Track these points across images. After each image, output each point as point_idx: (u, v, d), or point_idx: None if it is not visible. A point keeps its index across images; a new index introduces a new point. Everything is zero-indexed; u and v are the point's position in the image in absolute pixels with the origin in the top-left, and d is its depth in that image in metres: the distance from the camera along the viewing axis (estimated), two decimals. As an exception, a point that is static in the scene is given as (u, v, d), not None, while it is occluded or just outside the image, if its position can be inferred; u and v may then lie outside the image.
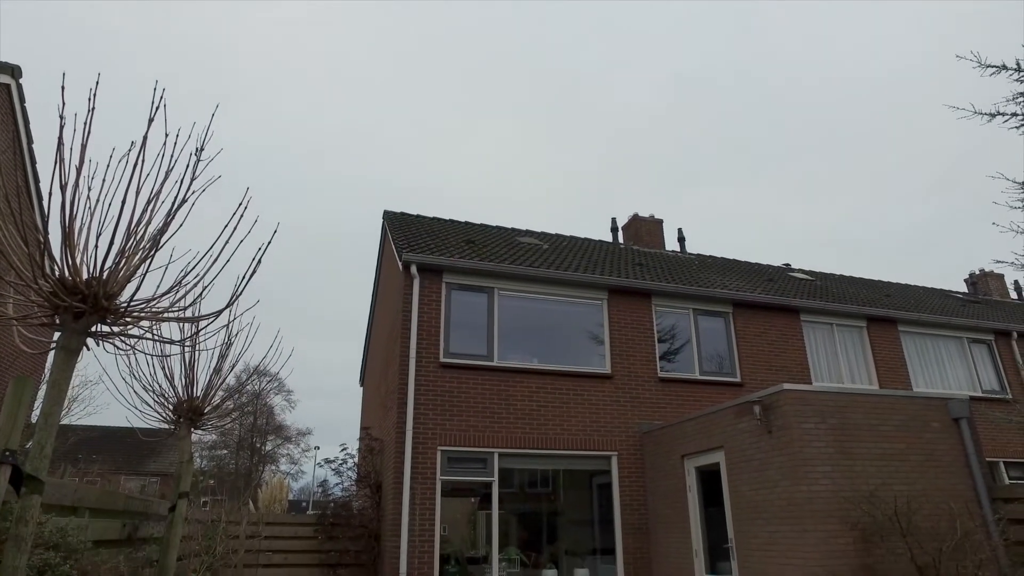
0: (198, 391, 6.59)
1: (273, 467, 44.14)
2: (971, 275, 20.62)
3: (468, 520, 10.49)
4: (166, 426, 6.74)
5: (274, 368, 6.68)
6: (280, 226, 4.02)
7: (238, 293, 4.15)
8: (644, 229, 16.46)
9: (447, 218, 14.74)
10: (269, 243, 4.33)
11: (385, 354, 12.74)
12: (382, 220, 13.93)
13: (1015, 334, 14.74)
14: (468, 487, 10.32)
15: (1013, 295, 20.21)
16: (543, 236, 15.09)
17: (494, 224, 15.20)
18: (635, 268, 13.13)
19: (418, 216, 14.39)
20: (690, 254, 16.69)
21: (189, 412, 6.55)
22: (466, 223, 14.73)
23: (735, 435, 8.46)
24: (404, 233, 12.22)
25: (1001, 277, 20.11)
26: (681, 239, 17.16)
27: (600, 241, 16.04)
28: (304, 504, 41.61)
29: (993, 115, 8.99)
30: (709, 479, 9.13)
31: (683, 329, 12.22)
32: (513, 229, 15.17)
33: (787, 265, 18.05)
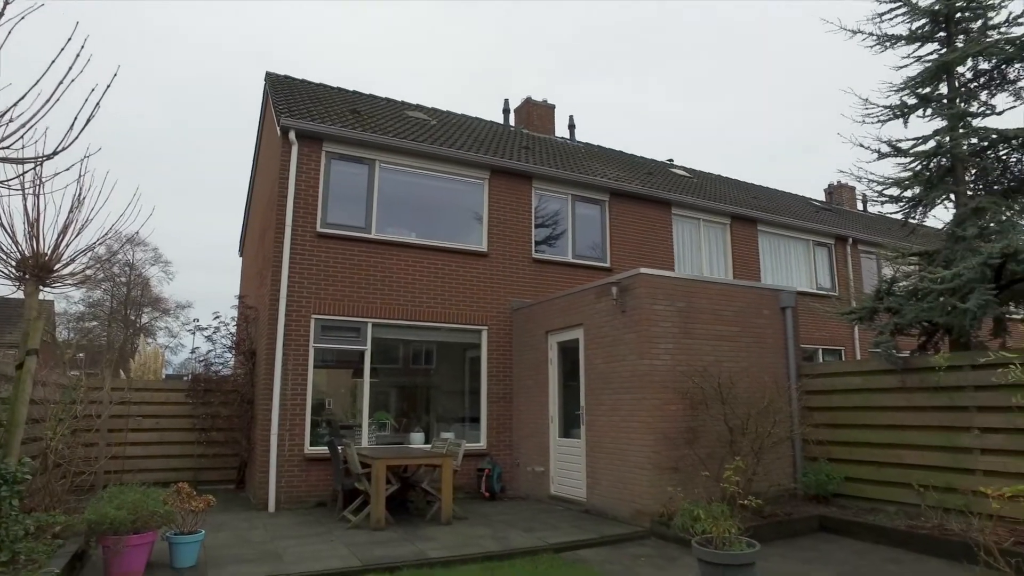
0: (45, 246, 6.25)
1: (150, 340, 42.50)
2: (829, 185, 22.46)
3: (350, 393, 10.85)
4: (8, 283, 6.39)
5: (132, 227, 6.38)
6: (121, 68, 3.78)
7: (76, 135, 3.94)
8: (535, 114, 16.45)
9: (334, 85, 14.01)
10: (109, 86, 4.09)
11: (262, 223, 12.41)
12: (264, 83, 13.05)
13: (850, 240, 16.48)
14: (347, 359, 10.60)
15: (860, 206, 22.33)
16: (433, 112, 14.76)
17: (383, 96, 14.65)
18: (521, 151, 13.25)
19: (303, 81, 13.57)
20: (578, 142, 16.95)
21: (35, 268, 6.23)
22: (354, 92, 14.09)
23: (594, 314, 9.16)
24: (285, 97, 11.57)
25: (852, 189, 22.08)
26: (571, 126, 17.33)
27: (491, 122, 15.91)
28: (185, 378, 40.67)
29: (855, 32, 9.59)
30: (569, 353, 9.91)
31: (561, 214, 12.68)
32: (403, 103, 14.70)
33: (670, 161, 18.81)
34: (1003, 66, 8.70)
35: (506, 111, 16.87)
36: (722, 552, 5.12)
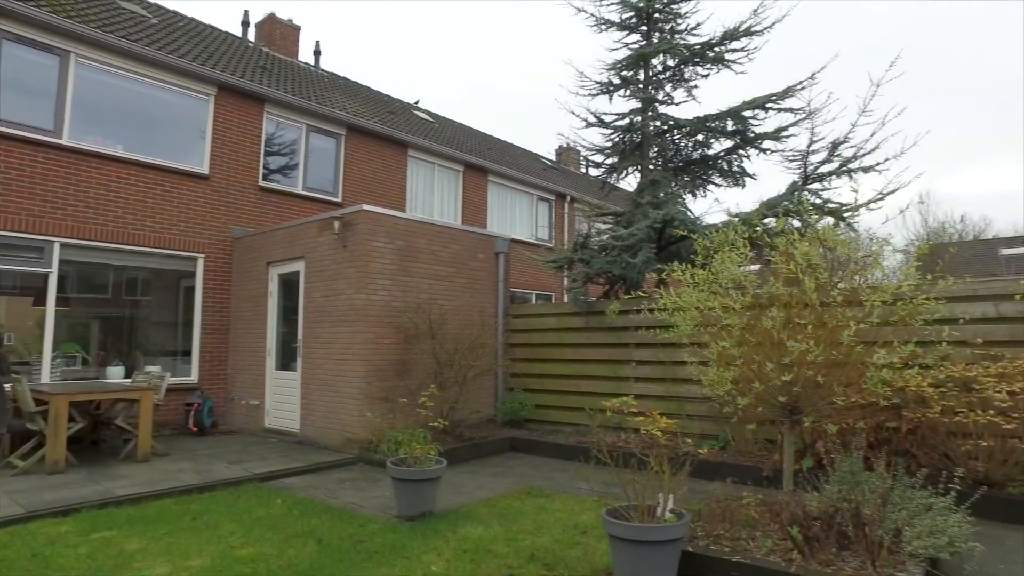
0: None
1: None
2: (559, 147, 24.65)
3: (39, 326, 9.40)
4: None
5: None
6: None
7: None
8: (279, 32, 15.33)
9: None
10: None
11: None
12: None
13: (569, 198, 18.50)
14: (34, 285, 9.14)
15: (584, 168, 24.93)
16: (155, 9, 12.94)
17: (92, -23, 12.42)
18: (257, 70, 12.35)
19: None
20: (323, 70, 16.25)
21: None
22: (50, -36, 11.72)
23: (316, 247, 9.14)
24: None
25: (578, 152, 24.48)
26: (317, 52, 16.52)
27: (227, 33, 14.47)
28: None
29: (579, 10, 10.59)
30: (290, 286, 9.78)
31: (296, 143, 12.20)
32: (118, -10, 12.65)
33: (416, 103, 18.98)
34: (681, 66, 10.38)
35: (245, 24, 15.44)
36: (409, 469, 5.68)
